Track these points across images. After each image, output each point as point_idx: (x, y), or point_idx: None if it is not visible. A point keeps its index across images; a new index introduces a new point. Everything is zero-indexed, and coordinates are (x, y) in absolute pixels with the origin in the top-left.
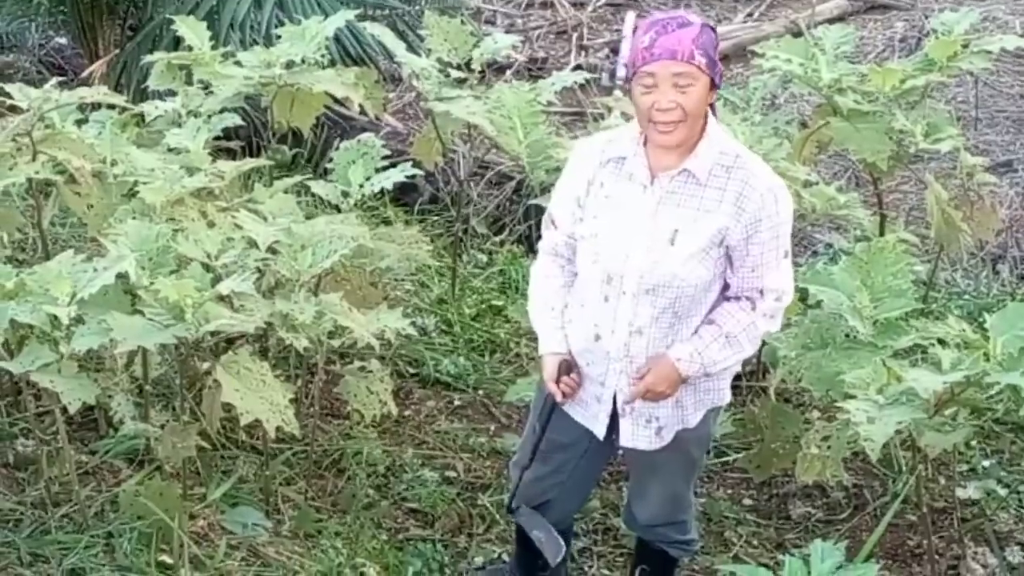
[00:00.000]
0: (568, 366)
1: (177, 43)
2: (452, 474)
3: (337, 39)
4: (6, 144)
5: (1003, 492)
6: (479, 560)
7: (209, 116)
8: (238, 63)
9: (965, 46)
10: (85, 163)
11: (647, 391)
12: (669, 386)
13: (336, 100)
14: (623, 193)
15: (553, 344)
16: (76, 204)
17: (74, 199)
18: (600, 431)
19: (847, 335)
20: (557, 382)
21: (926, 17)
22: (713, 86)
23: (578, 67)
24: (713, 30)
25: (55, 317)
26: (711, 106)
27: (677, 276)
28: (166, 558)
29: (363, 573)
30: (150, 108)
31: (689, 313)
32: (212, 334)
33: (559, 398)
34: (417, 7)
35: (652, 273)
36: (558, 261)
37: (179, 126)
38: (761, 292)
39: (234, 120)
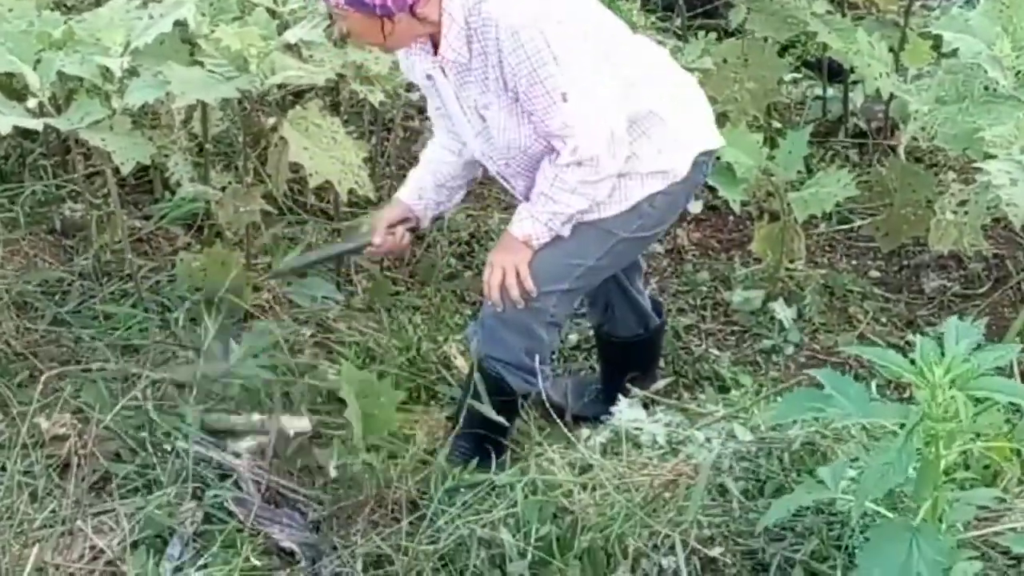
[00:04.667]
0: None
1: None
2: None
3: None
4: None
5: None
6: (573, 338)
7: None
8: None
9: None
10: None
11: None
12: (516, 257)
13: None
14: (435, 76)
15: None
16: None
17: None
18: None
19: (986, 87)
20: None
21: None
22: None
23: None
24: None
25: (107, 69)
26: None
27: (511, 147)
28: None
29: (444, 351)
30: None
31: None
32: (278, 87)
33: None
34: None
35: (494, 155)
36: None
37: None
38: (564, 141)
39: None
